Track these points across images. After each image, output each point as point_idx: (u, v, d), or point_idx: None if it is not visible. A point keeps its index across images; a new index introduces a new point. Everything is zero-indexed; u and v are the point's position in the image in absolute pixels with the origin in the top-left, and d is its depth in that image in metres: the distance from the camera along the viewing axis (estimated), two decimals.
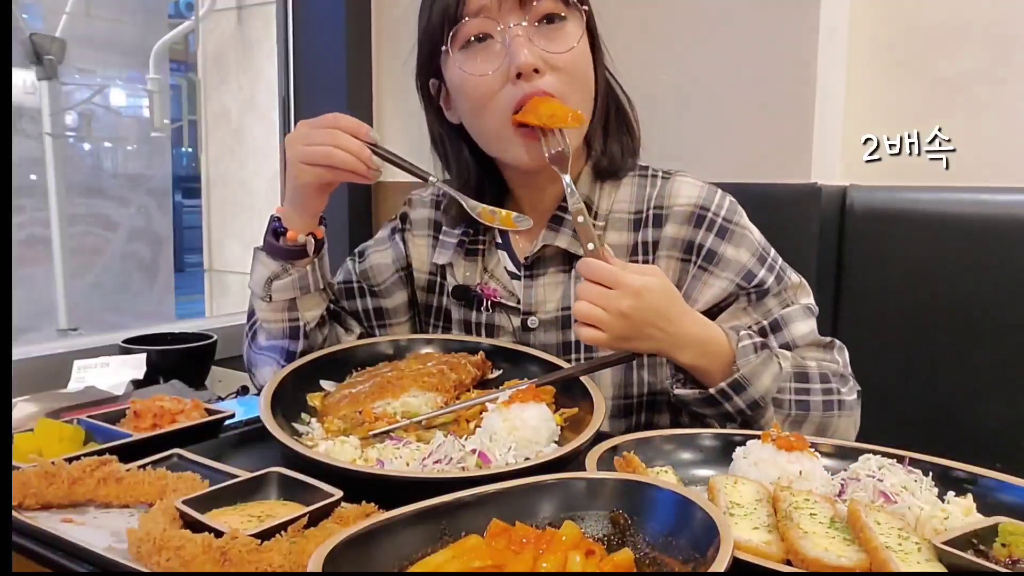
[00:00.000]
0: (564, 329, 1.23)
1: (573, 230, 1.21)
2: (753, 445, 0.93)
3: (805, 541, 0.71)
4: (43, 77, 2.98)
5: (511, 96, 1.12)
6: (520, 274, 1.27)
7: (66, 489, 0.82)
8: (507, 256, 1.30)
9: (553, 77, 1.11)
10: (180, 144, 4.24)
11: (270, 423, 0.98)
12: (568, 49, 1.12)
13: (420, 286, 1.37)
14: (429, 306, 1.36)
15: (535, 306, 1.25)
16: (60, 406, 1.24)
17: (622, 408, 1.23)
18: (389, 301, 1.36)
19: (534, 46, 1.11)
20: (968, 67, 1.69)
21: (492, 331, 1.28)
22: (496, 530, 0.69)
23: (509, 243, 1.30)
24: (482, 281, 1.29)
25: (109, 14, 3.50)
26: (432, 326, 1.37)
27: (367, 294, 1.36)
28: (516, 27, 1.10)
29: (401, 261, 1.37)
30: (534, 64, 1.10)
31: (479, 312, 1.29)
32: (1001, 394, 1.57)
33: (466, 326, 1.31)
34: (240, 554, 0.67)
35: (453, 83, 1.18)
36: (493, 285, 1.28)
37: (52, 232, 3.00)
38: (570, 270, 1.24)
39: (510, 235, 1.30)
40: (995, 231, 1.56)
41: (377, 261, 1.37)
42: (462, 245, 1.31)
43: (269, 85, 2.65)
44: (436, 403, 1.10)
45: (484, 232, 1.31)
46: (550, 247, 1.24)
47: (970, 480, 0.86)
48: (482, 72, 1.13)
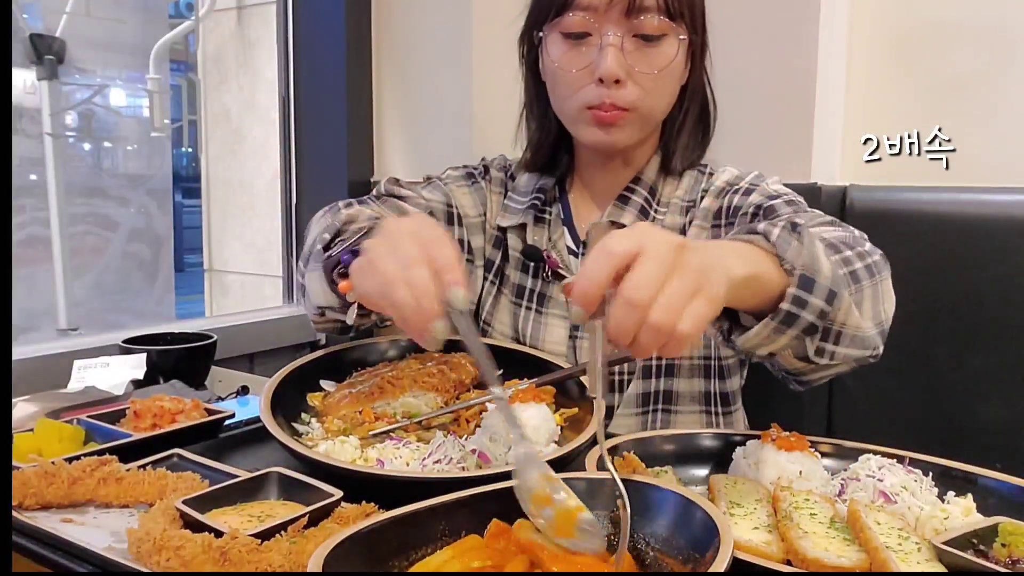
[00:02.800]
0: None
1: (637, 210, 1.26)
2: (753, 445, 0.93)
3: (805, 541, 0.71)
4: (43, 77, 2.97)
5: (592, 95, 1.17)
6: (579, 251, 1.29)
7: (66, 489, 0.82)
8: (568, 233, 1.32)
9: (634, 89, 1.16)
10: (180, 144, 4.23)
11: (270, 423, 0.98)
12: (656, 71, 1.16)
13: (488, 240, 1.38)
14: (492, 262, 1.37)
15: None
16: (60, 406, 1.24)
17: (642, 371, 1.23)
18: (475, 240, 1.36)
19: (623, 57, 1.15)
20: (968, 67, 1.69)
21: (544, 301, 1.29)
22: (496, 530, 0.69)
23: (572, 220, 1.32)
24: (547, 248, 1.31)
25: (109, 14, 3.49)
26: (486, 281, 1.36)
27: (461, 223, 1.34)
28: (613, 35, 1.14)
29: (480, 208, 1.38)
30: (617, 75, 1.14)
31: (535, 279, 1.31)
32: (1001, 394, 1.57)
33: (519, 291, 1.32)
34: (240, 554, 0.67)
35: (548, 56, 1.22)
36: (555, 256, 1.30)
37: (52, 232, 3.00)
38: None
39: (573, 212, 1.33)
40: (995, 231, 1.56)
41: (462, 198, 1.36)
42: (533, 209, 1.32)
43: (269, 85, 2.64)
44: (436, 403, 1.10)
45: (551, 203, 1.34)
46: (615, 224, 1.25)
47: (970, 480, 0.86)
48: (570, 68, 1.18)
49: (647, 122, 1.22)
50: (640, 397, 1.23)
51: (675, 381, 1.24)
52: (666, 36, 1.16)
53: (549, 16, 1.19)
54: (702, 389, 1.25)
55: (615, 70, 1.14)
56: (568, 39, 1.18)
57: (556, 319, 1.28)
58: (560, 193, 1.34)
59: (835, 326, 0.89)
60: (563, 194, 1.34)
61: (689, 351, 1.25)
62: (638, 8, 1.13)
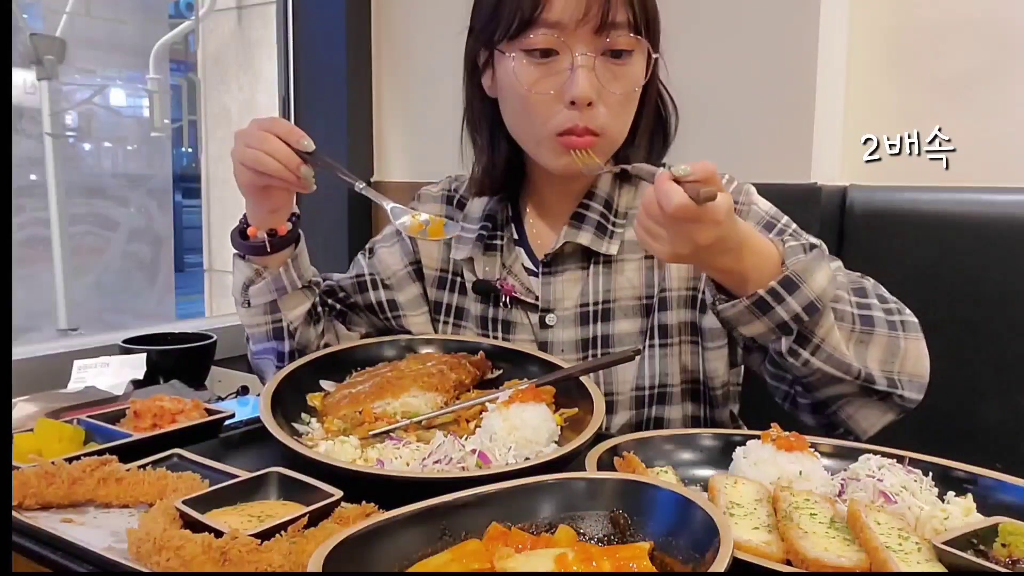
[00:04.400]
0: (582, 326, 1.23)
1: (594, 227, 1.22)
2: (753, 445, 0.93)
3: (805, 541, 0.71)
4: (43, 77, 2.97)
5: (563, 119, 1.12)
6: (536, 271, 1.27)
7: (66, 489, 0.82)
8: (524, 253, 1.30)
9: (603, 110, 1.12)
10: (180, 144, 4.24)
11: (270, 423, 0.98)
12: (626, 90, 1.13)
13: (431, 283, 1.36)
14: (440, 303, 1.35)
15: (553, 303, 1.25)
16: (60, 406, 1.24)
17: (633, 401, 1.23)
18: (402, 295, 1.35)
19: (595, 78, 1.11)
20: (968, 67, 1.69)
21: (510, 328, 1.28)
22: (494, 533, 0.69)
23: (526, 240, 1.30)
24: (501, 277, 1.29)
25: (109, 14, 3.50)
26: (445, 324, 1.35)
27: (380, 286, 1.36)
28: (585, 55, 1.10)
29: (410, 256, 1.36)
30: (590, 97, 1.10)
31: (496, 308, 1.29)
32: (1001, 394, 1.57)
33: (483, 322, 1.30)
34: (240, 554, 0.67)
35: (506, 76, 1.16)
36: (512, 281, 1.28)
37: (52, 232, 3.00)
38: (588, 267, 1.24)
39: (527, 232, 1.30)
40: (995, 231, 1.56)
41: (385, 257, 1.37)
42: (481, 240, 1.30)
43: (269, 85, 2.65)
44: (436, 403, 1.10)
45: (502, 227, 1.30)
46: (570, 244, 1.23)
47: (970, 480, 0.86)
48: (539, 90, 1.12)
49: (613, 146, 1.18)
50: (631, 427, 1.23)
51: (666, 408, 1.23)
52: (635, 52, 1.13)
53: (508, 33, 1.12)
54: (691, 414, 1.24)
55: (588, 92, 1.09)
56: (532, 58, 1.12)
57: (524, 344, 1.25)
58: (513, 214, 1.31)
59: (814, 338, 0.98)
60: (516, 214, 1.31)
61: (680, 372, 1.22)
62: (609, 25, 1.08)
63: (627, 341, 1.21)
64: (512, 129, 1.22)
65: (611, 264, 1.23)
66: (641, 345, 1.21)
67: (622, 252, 1.23)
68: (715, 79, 1.77)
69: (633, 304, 1.22)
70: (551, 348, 1.25)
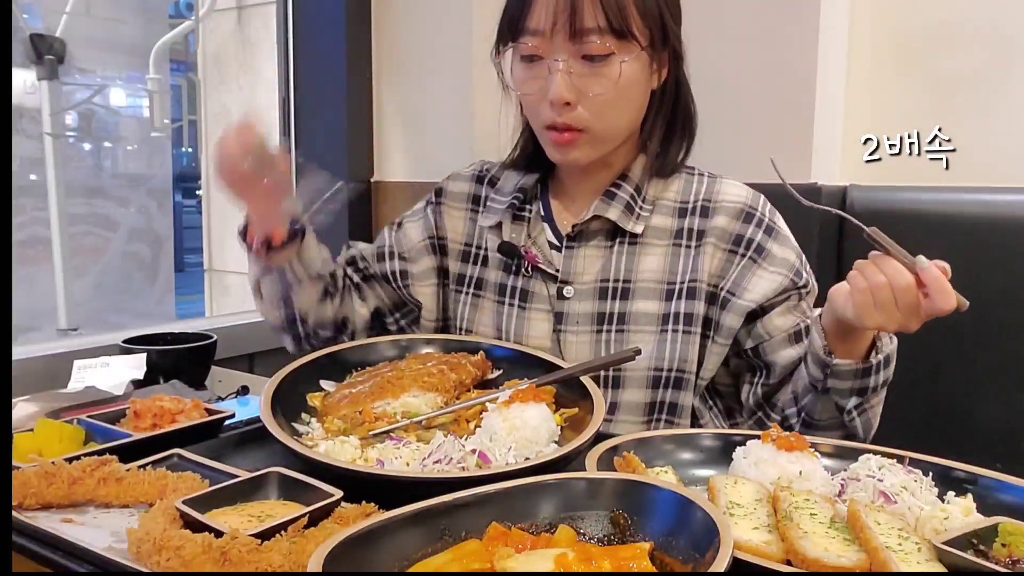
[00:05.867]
0: (599, 300, 1.26)
1: (623, 206, 1.26)
2: (753, 445, 0.93)
3: (805, 541, 0.71)
4: (43, 77, 2.97)
5: (547, 116, 1.20)
6: (561, 246, 1.30)
7: (66, 489, 0.82)
8: (549, 229, 1.33)
9: (585, 110, 1.18)
10: (180, 144, 4.23)
11: (270, 423, 0.98)
12: (604, 91, 1.17)
13: (454, 257, 1.40)
14: (463, 275, 1.38)
15: (573, 276, 1.28)
16: (60, 406, 1.24)
17: (651, 380, 1.23)
18: (415, 266, 1.40)
19: (572, 81, 1.17)
20: (968, 67, 1.69)
21: (527, 296, 1.30)
22: (494, 533, 0.69)
23: (552, 217, 1.33)
24: (525, 244, 1.32)
25: (109, 14, 3.49)
26: (465, 294, 1.38)
27: (395, 257, 1.42)
28: (560, 60, 1.16)
29: (431, 231, 1.41)
30: (566, 98, 1.17)
31: (516, 276, 1.32)
32: (1001, 394, 1.57)
33: (501, 290, 1.33)
34: (240, 554, 0.67)
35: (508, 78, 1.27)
36: (535, 251, 1.31)
37: (52, 232, 2.99)
38: (612, 244, 1.27)
39: (554, 209, 1.34)
40: (995, 231, 1.56)
41: (409, 230, 1.43)
42: (511, 209, 1.34)
43: (269, 85, 2.64)
44: (436, 403, 1.10)
45: (532, 201, 1.35)
46: (600, 219, 1.26)
47: (970, 480, 0.86)
48: (528, 90, 1.22)
49: (603, 141, 1.23)
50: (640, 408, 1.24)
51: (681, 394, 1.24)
52: (613, 56, 1.16)
53: (505, 37, 1.22)
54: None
55: (563, 94, 1.16)
56: (524, 61, 1.21)
57: (539, 313, 1.28)
58: (542, 191, 1.36)
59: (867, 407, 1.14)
60: (544, 192, 1.36)
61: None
62: (580, 32, 1.14)
63: (642, 321, 1.24)
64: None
65: (635, 244, 1.27)
66: (657, 328, 1.24)
67: (646, 235, 1.27)
68: (715, 79, 1.77)
69: (654, 287, 1.25)
70: (566, 320, 1.26)
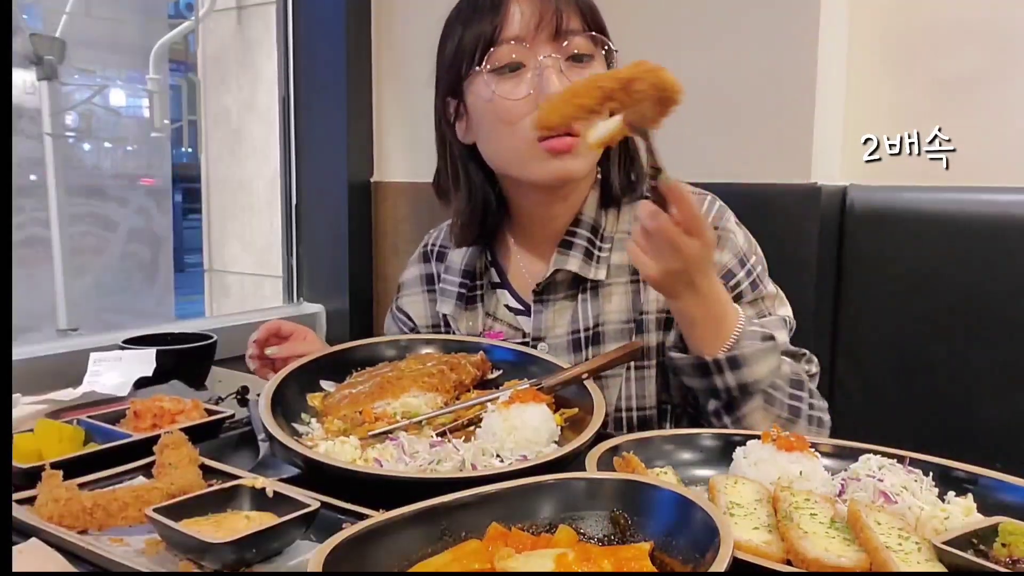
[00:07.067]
0: (575, 352, 1.25)
1: (582, 254, 1.24)
2: (753, 445, 0.93)
3: (805, 541, 0.71)
4: (43, 77, 2.97)
5: None
6: (522, 308, 1.29)
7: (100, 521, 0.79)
8: (507, 294, 1.32)
9: None
10: (180, 144, 4.23)
11: (270, 423, 0.98)
12: None
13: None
14: None
15: (544, 331, 1.27)
16: (60, 406, 1.24)
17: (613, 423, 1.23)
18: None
19: (564, 78, 1.14)
20: (968, 67, 1.69)
21: None
22: (494, 533, 0.69)
23: (508, 281, 1.32)
24: (485, 327, 1.31)
25: (109, 14, 3.49)
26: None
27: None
28: (547, 58, 1.14)
29: (403, 324, 1.42)
30: None
31: None
32: (1001, 394, 1.57)
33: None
34: None
35: (479, 103, 1.20)
36: (498, 327, 1.30)
37: (52, 232, 2.99)
38: (577, 294, 1.25)
39: (511, 271, 1.32)
40: (995, 231, 1.56)
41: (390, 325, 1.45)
42: (461, 298, 1.32)
43: (269, 85, 2.64)
44: (436, 403, 1.10)
45: (480, 277, 1.33)
46: (561, 271, 1.25)
47: (970, 480, 0.86)
48: (514, 96, 1.15)
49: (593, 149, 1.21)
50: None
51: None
52: (595, 57, 1.17)
53: (474, 59, 1.17)
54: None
55: (559, 88, 1.11)
56: (501, 75, 1.16)
57: None
58: (491, 257, 1.33)
59: (738, 411, 1.08)
60: (495, 258, 1.34)
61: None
62: (565, 30, 1.13)
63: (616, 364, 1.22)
64: (495, 155, 1.23)
65: (599, 289, 1.25)
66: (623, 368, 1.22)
67: (609, 276, 1.25)
68: (715, 79, 1.77)
69: (621, 327, 1.24)
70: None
